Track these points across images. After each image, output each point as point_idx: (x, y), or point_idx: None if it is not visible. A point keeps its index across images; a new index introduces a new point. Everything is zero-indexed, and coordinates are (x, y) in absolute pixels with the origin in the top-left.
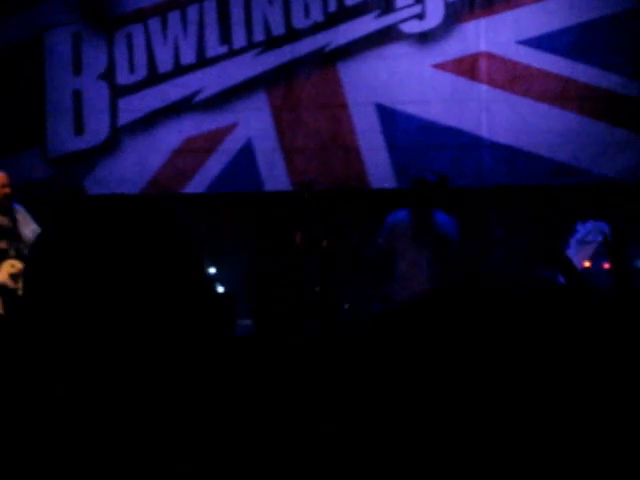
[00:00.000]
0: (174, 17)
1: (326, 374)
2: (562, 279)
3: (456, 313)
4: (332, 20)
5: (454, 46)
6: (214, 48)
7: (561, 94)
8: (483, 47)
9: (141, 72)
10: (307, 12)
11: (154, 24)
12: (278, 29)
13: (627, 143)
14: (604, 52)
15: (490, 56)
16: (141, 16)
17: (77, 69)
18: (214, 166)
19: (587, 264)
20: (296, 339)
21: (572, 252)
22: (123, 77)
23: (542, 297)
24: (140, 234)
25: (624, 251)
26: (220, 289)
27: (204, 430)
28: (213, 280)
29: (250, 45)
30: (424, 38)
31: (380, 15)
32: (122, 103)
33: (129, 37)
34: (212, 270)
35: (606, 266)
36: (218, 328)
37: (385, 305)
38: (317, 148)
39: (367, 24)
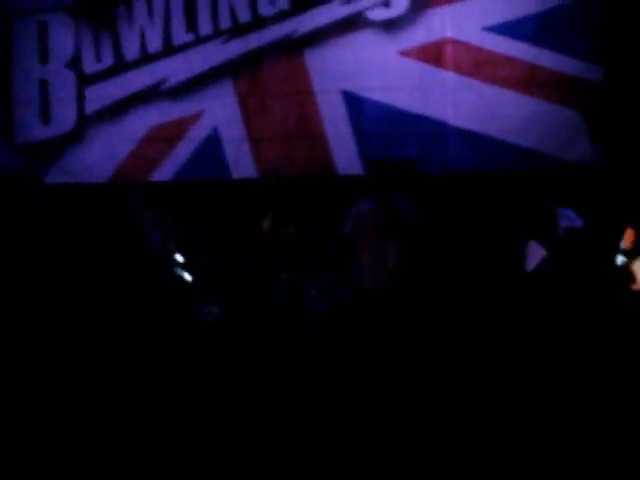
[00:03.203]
0: (140, 5)
1: (293, 359)
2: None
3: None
4: (298, 7)
5: (420, 33)
6: (180, 36)
7: (526, 80)
8: (448, 34)
9: (107, 61)
10: (273, 0)
11: (120, 13)
12: (244, 17)
13: (591, 128)
14: (568, 38)
15: (455, 43)
16: (107, 4)
17: (44, 58)
18: (181, 154)
19: None
20: (264, 326)
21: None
22: (90, 66)
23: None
24: (98, 226)
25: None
26: (187, 276)
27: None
28: (178, 267)
29: (216, 33)
30: (390, 25)
31: (346, 2)
32: (89, 92)
33: (95, 26)
34: (180, 257)
35: None
36: (177, 314)
37: (352, 292)
38: (284, 135)
39: (333, 11)
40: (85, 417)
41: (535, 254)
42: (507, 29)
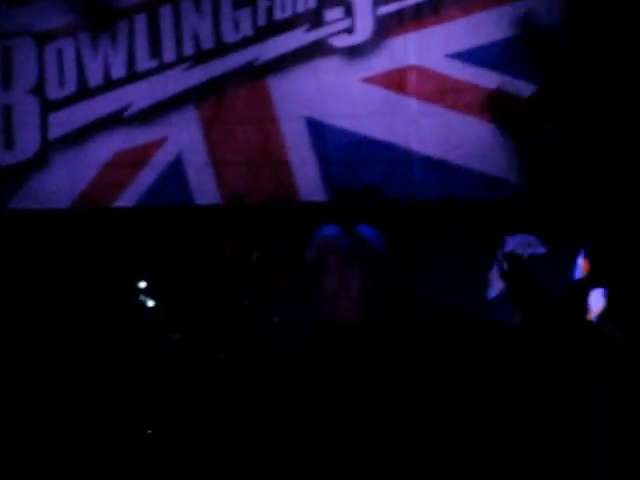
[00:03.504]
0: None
1: (254, 385)
2: None
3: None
4: (262, 34)
5: (383, 60)
6: (144, 62)
7: None
8: (412, 61)
9: (71, 87)
10: (237, 26)
11: (84, 38)
12: (208, 43)
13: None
14: (532, 65)
15: (419, 69)
16: (71, 31)
17: (7, 84)
18: (144, 180)
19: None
20: (225, 353)
21: (499, 266)
22: (53, 92)
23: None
24: (66, 252)
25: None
26: (150, 303)
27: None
28: (143, 293)
29: (180, 59)
30: (353, 52)
31: (309, 29)
32: (52, 117)
33: (59, 52)
34: (142, 284)
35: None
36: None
37: (315, 322)
38: (247, 162)
39: (296, 38)
40: None
41: (497, 281)
42: (471, 56)
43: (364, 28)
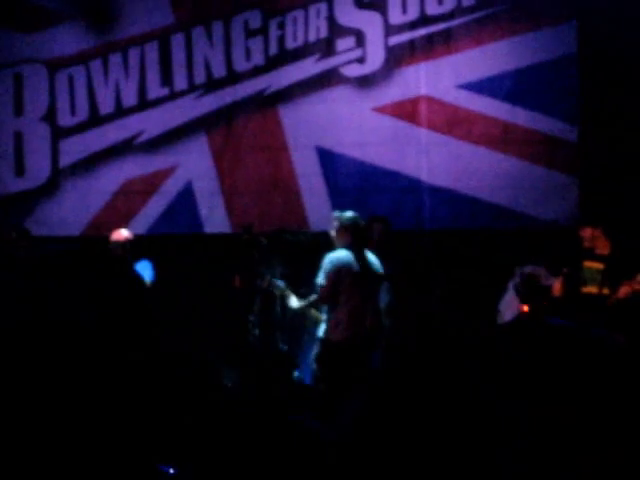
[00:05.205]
0: (115, 59)
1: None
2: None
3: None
4: (273, 63)
5: (394, 90)
6: (155, 90)
7: (500, 138)
8: (423, 91)
9: (82, 114)
10: (248, 55)
11: (95, 66)
12: (219, 72)
13: (565, 187)
14: (543, 97)
15: (430, 100)
16: (82, 58)
17: (18, 110)
18: (154, 208)
19: (525, 308)
20: (233, 383)
21: (509, 296)
22: (64, 119)
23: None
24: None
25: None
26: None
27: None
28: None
29: (191, 88)
30: (365, 81)
31: (321, 58)
32: (63, 145)
33: (70, 79)
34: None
35: None
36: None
37: (324, 347)
38: (257, 190)
39: (308, 67)
40: None
41: (511, 306)
42: (481, 87)
43: (375, 58)
